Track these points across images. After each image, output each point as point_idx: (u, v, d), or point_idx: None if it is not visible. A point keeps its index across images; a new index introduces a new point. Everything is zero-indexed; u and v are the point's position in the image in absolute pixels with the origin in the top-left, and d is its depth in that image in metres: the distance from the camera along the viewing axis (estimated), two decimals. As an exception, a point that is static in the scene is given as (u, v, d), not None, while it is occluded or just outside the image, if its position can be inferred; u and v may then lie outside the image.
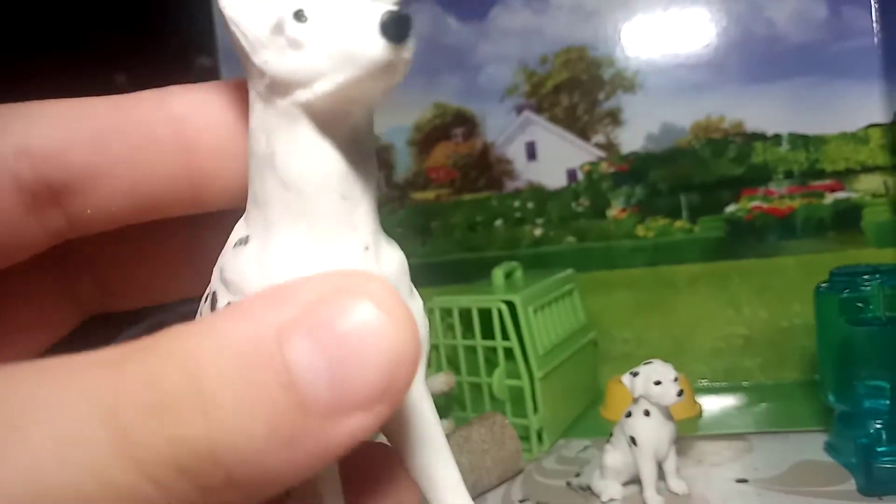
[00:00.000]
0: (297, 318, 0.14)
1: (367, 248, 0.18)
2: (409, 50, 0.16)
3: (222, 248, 0.20)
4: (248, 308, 0.14)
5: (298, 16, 0.16)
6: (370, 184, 0.18)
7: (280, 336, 0.14)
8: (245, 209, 0.20)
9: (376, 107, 0.18)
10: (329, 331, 0.14)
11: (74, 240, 0.20)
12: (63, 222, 0.19)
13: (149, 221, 0.20)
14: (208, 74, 0.76)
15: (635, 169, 0.71)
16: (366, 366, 0.14)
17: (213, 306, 0.19)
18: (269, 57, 0.17)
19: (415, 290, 0.21)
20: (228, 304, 0.18)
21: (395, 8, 0.15)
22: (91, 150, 0.18)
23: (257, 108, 0.18)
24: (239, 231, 0.19)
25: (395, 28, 0.15)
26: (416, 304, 0.20)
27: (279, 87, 0.17)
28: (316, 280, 0.15)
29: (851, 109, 0.64)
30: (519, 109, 0.75)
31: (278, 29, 0.17)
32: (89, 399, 0.13)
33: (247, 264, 0.18)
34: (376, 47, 0.15)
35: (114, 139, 0.18)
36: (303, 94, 0.17)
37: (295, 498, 0.19)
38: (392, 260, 0.20)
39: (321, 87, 0.16)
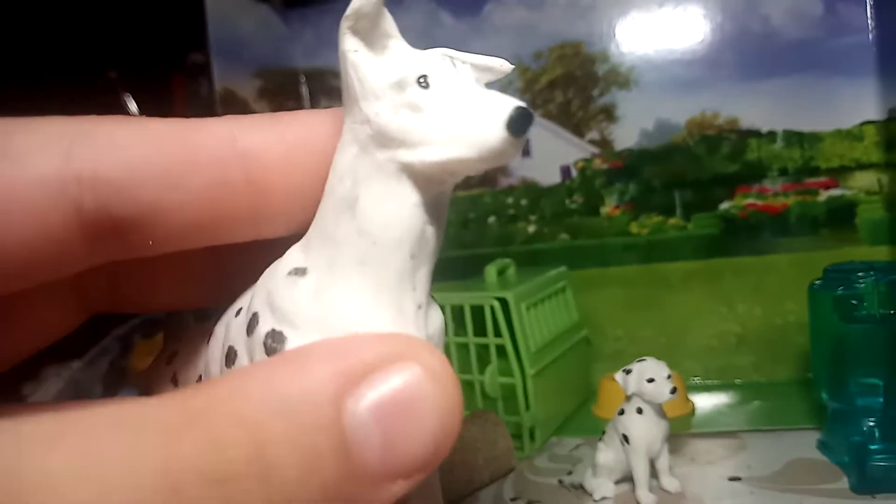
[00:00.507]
0: (356, 381, 0.14)
1: (419, 308, 0.19)
2: (522, 144, 0.16)
3: (242, 261, 0.20)
4: (306, 364, 0.14)
5: (423, 81, 0.17)
6: (436, 247, 0.19)
7: (338, 400, 0.14)
8: (300, 237, 0.20)
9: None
10: (386, 400, 0.14)
11: None
12: (119, 251, 0.18)
13: None
14: (200, 71, 0.75)
15: (629, 166, 0.71)
16: (416, 438, 0.14)
17: (250, 327, 0.19)
18: (382, 110, 0.17)
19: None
20: (273, 331, 0.18)
21: (523, 105, 0.16)
22: (162, 187, 0.17)
23: (350, 151, 0.18)
24: (295, 260, 0.19)
25: (521, 124, 0.16)
26: None
27: (382, 141, 0.17)
28: (375, 342, 0.15)
29: (846, 106, 0.64)
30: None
31: (399, 87, 0.17)
32: (147, 468, 0.12)
33: (303, 298, 0.18)
34: (499, 138, 0.16)
35: (186, 177, 0.17)
36: (406, 156, 0.17)
37: None
38: (436, 320, 0.20)
39: (428, 155, 0.17)
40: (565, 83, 0.73)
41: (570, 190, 0.73)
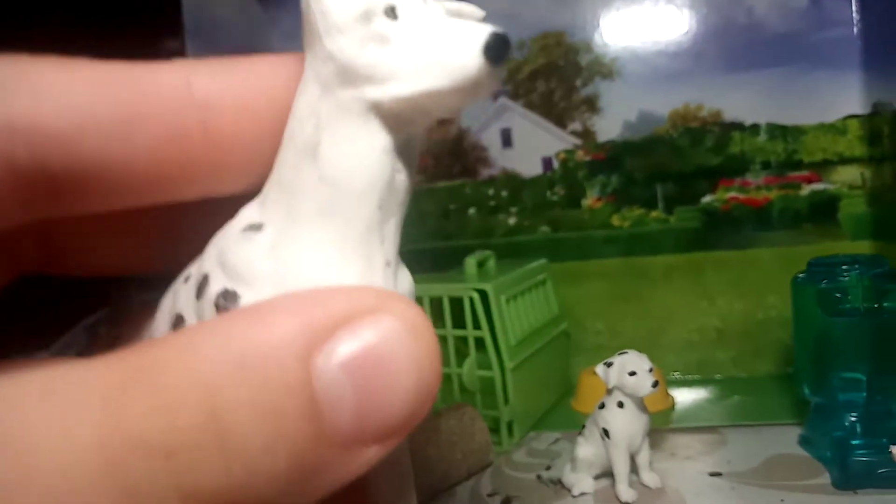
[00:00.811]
0: (326, 335, 0.12)
1: (388, 264, 0.17)
2: (499, 75, 0.15)
3: (194, 221, 0.18)
4: (268, 318, 0.13)
5: (390, 12, 0.16)
6: (405, 197, 0.18)
7: (306, 356, 0.12)
8: (257, 192, 0.18)
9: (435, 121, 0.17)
10: (359, 355, 0.13)
11: None
12: (57, 208, 0.16)
13: None
14: (175, 56, 0.73)
15: (612, 158, 0.70)
16: (393, 396, 0.13)
17: (200, 289, 0.17)
18: (346, 45, 0.16)
19: None
20: (225, 290, 0.17)
21: (500, 30, 0.15)
22: (108, 139, 0.15)
23: (312, 91, 0.17)
24: (250, 215, 0.18)
25: (498, 50, 0.15)
26: None
27: (347, 78, 0.16)
28: (345, 294, 0.14)
29: (830, 100, 0.64)
30: (495, 95, 0.73)
31: (365, 18, 0.16)
32: (90, 447, 0.11)
33: (258, 254, 0.17)
34: (475, 65, 0.15)
35: (135, 127, 0.15)
36: (372, 92, 0.16)
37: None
38: (406, 281, 0.19)
39: (397, 90, 0.16)
40: (548, 73, 0.72)
41: (552, 182, 0.72)
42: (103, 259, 0.21)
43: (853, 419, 0.46)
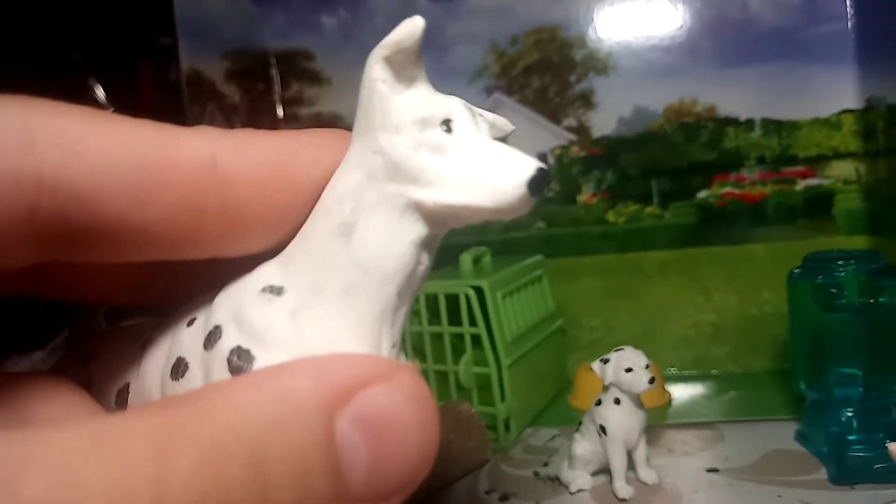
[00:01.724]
0: (345, 397, 0.14)
1: (393, 346, 0.19)
2: (534, 203, 0.16)
3: (192, 264, 0.19)
4: (294, 377, 0.14)
5: (446, 124, 0.17)
6: (418, 288, 0.19)
7: (330, 416, 0.13)
8: (276, 253, 0.19)
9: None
10: (374, 417, 0.14)
11: None
12: (68, 256, 0.16)
13: None
14: (168, 54, 0.72)
15: (606, 153, 0.70)
16: (400, 458, 0.14)
17: (209, 340, 0.18)
18: (400, 144, 0.17)
19: None
20: (239, 347, 0.18)
21: (545, 166, 0.16)
22: (129, 203, 0.15)
23: (355, 176, 0.17)
24: (271, 276, 0.18)
25: (540, 185, 0.16)
26: None
27: (395, 175, 0.17)
28: (359, 360, 0.15)
29: (824, 95, 0.64)
30: (489, 91, 0.73)
31: (422, 125, 0.17)
32: (142, 485, 0.11)
33: (278, 318, 0.18)
34: (518, 194, 0.16)
35: (156, 194, 0.16)
36: (417, 193, 0.17)
37: None
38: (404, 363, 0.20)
39: (442, 196, 0.17)
40: (542, 68, 0.71)
41: (547, 177, 0.72)
42: (94, 290, 0.21)
43: (849, 414, 0.46)
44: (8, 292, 0.20)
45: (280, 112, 0.77)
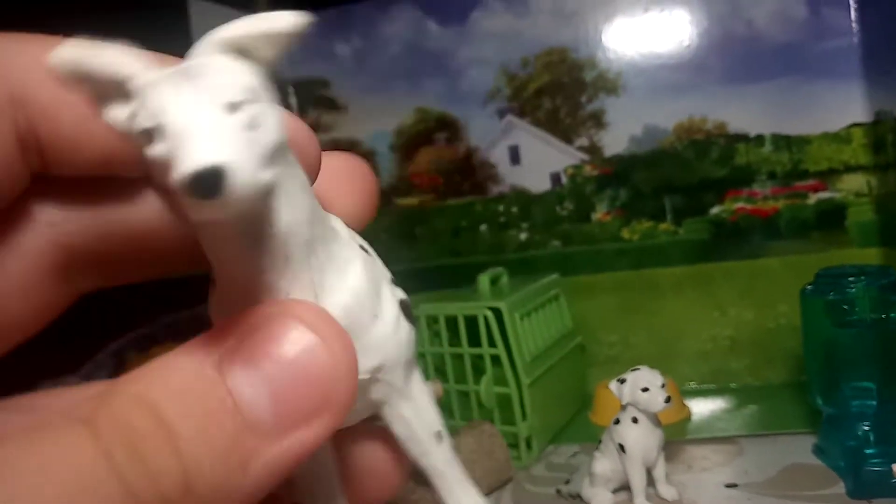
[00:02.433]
0: (234, 349, 0.15)
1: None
2: (223, 205, 0.14)
3: None
4: (192, 347, 0.16)
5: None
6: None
7: (221, 368, 0.15)
8: None
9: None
10: (264, 357, 0.15)
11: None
12: (41, 169, 0.18)
13: None
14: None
15: (619, 172, 0.71)
16: (303, 385, 0.15)
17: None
18: None
19: (386, 299, 0.21)
20: None
21: (207, 168, 0.14)
22: (83, 114, 0.17)
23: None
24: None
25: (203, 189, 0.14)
26: (388, 312, 0.21)
27: None
28: (249, 312, 0.16)
29: (833, 109, 0.64)
30: (501, 113, 0.74)
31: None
32: (86, 461, 0.13)
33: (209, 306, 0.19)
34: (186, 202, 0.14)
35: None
36: None
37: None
38: (340, 292, 0.20)
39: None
40: (553, 90, 0.73)
41: (561, 197, 0.73)
42: (157, 260, 0.21)
43: (866, 428, 0.46)
44: (83, 292, 0.21)
45: (298, 140, 0.79)
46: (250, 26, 0.16)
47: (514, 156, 0.75)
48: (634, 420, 0.47)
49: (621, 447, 0.47)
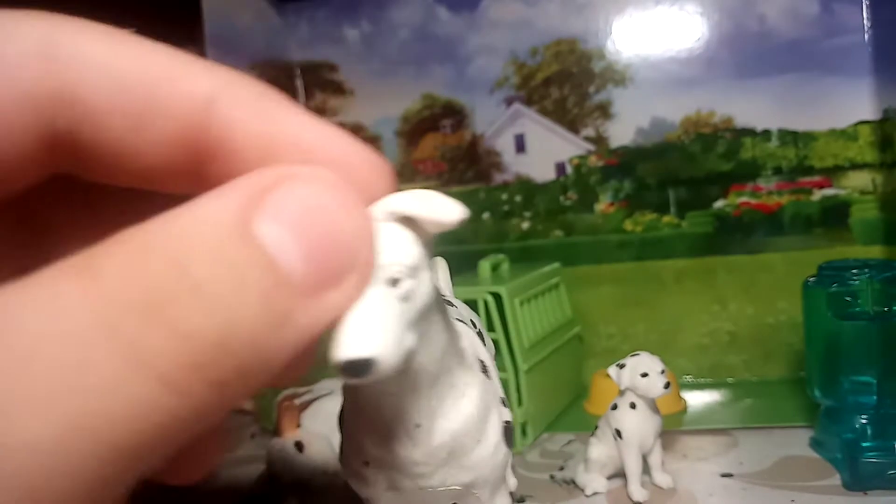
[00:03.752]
0: (256, 199, 0.14)
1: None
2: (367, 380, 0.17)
3: None
4: (213, 199, 0.14)
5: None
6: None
7: (245, 219, 0.14)
8: None
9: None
10: (291, 207, 0.15)
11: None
12: (71, 171, 0.17)
13: None
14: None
15: (624, 163, 0.71)
16: (332, 244, 0.15)
17: None
18: None
19: (492, 424, 0.27)
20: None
21: (355, 360, 0.16)
22: (130, 127, 0.16)
23: None
24: None
25: (350, 373, 0.17)
26: (491, 437, 0.27)
27: None
28: (271, 171, 0.15)
29: (841, 106, 0.64)
30: (508, 101, 0.74)
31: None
32: (79, 315, 0.12)
33: None
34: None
35: (154, 122, 0.17)
36: None
37: None
38: (452, 419, 0.26)
39: None
40: (561, 80, 0.73)
41: (565, 186, 0.73)
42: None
43: (863, 421, 0.46)
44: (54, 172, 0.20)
45: (304, 121, 0.78)
46: (426, 210, 0.19)
47: (520, 144, 0.74)
48: (632, 405, 0.47)
49: (618, 433, 0.47)
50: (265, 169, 0.15)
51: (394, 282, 0.18)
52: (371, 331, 0.17)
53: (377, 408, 0.25)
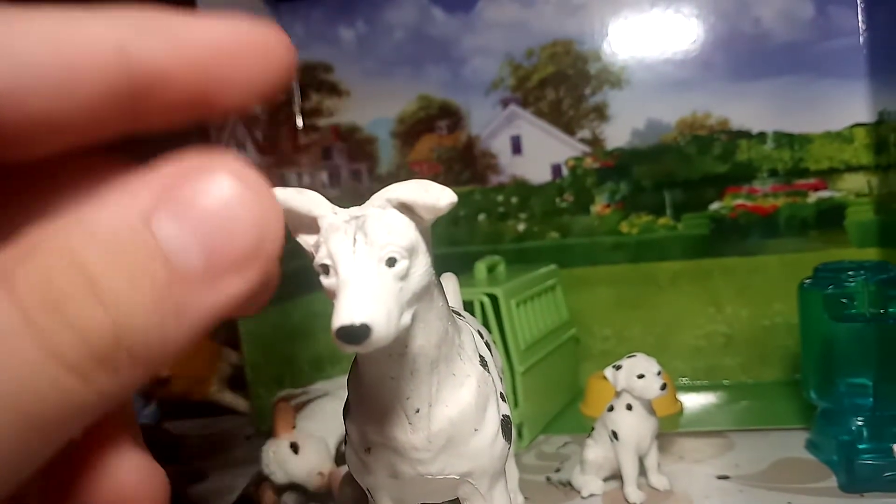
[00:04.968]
0: (160, 199, 0.15)
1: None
2: (364, 348, 0.20)
3: None
4: (114, 198, 0.15)
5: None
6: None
7: (147, 218, 0.15)
8: None
9: None
10: (192, 206, 0.15)
11: None
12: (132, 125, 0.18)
13: None
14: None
15: (620, 165, 0.71)
16: (231, 231, 0.15)
17: None
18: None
19: (490, 416, 0.28)
20: None
21: (348, 325, 0.19)
22: (50, 99, 0.16)
23: None
24: None
25: (346, 340, 0.19)
26: (489, 428, 0.28)
27: None
28: (172, 163, 0.16)
29: (836, 109, 0.64)
30: (504, 103, 0.74)
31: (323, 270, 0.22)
32: (4, 315, 0.14)
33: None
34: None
35: (71, 89, 0.16)
36: None
37: None
38: (451, 406, 0.28)
39: None
40: (557, 81, 0.72)
41: (561, 188, 0.73)
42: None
43: (859, 423, 0.46)
44: None
45: (300, 122, 0.78)
46: (420, 195, 0.21)
47: (516, 146, 0.74)
48: (629, 407, 0.47)
49: (614, 434, 0.47)
50: (171, 163, 0.16)
51: (391, 261, 0.21)
52: (367, 301, 0.19)
53: (378, 394, 0.26)
